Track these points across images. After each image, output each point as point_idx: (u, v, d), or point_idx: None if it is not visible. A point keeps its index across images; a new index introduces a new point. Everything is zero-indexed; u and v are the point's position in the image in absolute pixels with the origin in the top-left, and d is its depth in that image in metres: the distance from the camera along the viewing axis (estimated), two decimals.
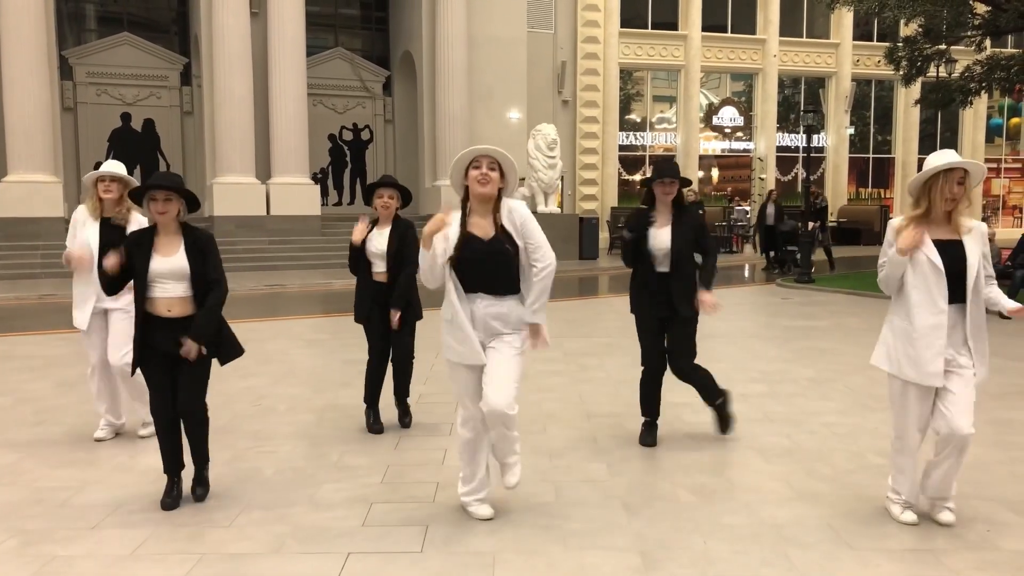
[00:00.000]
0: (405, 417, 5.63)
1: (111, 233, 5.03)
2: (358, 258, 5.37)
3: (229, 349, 4.21)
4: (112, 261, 3.91)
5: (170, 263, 3.99)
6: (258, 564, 3.49)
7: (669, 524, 3.92)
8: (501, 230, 3.83)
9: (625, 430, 5.53)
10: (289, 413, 6.03)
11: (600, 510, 4.10)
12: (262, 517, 4.00)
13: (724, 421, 5.32)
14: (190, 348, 3.95)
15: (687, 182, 5.22)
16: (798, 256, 15.79)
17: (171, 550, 3.63)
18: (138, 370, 4.08)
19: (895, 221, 3.99)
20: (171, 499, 4.11)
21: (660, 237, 5.00)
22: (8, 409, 6.19)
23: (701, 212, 17.45)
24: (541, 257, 3.91)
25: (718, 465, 4.81)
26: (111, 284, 4.05)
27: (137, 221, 5.10)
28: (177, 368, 4.04)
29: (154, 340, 4.00)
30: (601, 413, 6.01)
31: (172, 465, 4.18)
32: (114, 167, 5.14)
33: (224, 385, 6.79)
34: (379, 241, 5.30)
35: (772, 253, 17.97)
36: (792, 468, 4.75)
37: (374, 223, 5.44)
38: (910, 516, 3.90)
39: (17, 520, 3.96)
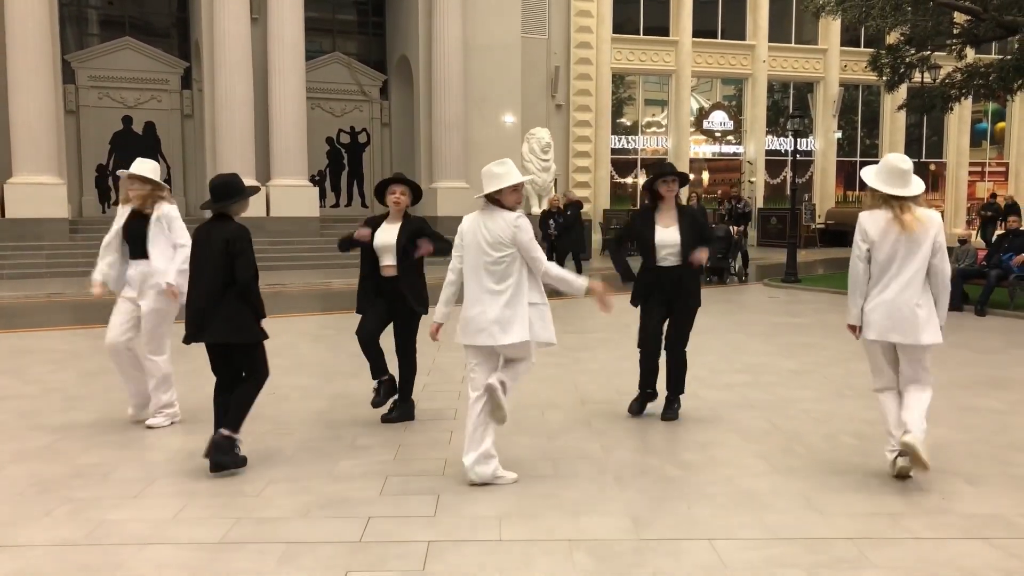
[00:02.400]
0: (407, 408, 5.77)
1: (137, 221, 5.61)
2: (353, 245, 5.69)
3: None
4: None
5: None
6: (289, 526, 3.89)
7: (656, 494, 4.34)
8: None
9: (618, 415, 5.95)
10: (302, 401, 6.42)
11: (594, 483, 4.51)
12: (287, 488, 4.40)
13: (673, 413, 5.82)
14: None
15: (686, 179, 5.77)
16: (735, 266, 15.48)
17: (208, 515, 4.03)
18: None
19: (863, 215, 4.48)
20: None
21: (668, 234, 5.60)
22: (37, 398, 6.57)
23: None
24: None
25: (702, 445, 5.23)
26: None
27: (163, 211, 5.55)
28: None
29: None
30: (595, 400, 6.42)
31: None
32: (139, 167, 5.56)
33: None
34: (388, 235, 5.52)
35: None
36: (770, 447, 5.17)
37: (377, 223, 5.69)
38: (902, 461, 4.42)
39: (65, 490, 4.35)
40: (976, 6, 13.66)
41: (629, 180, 27.32)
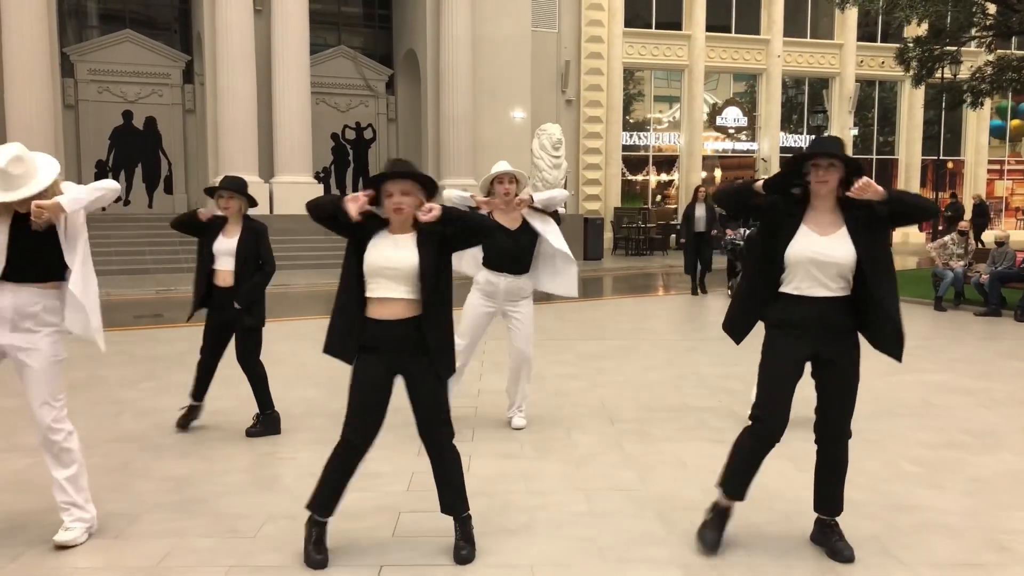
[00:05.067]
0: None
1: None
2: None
3: None
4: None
5: None
6: None
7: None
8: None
9: (651, 436, 5.42)
10: (305, 417, 5.91)
11: (635, 520, 3.99)
12: (288, 527, 3.87)
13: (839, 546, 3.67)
14: None
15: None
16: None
17: (197, 562, 3.51)
18: None
19: None
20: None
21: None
22: (15, 412, 6.03)
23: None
24: None
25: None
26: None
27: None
28: None
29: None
30: (624, 419, 5.89)
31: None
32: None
33: (238, 388, 6.66)
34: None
35: (700, 269, 13.57)
36: None
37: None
38: None
39: (36, 529, 3.83)
40: None
41: (640, 177, 26.76)
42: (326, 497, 3.48)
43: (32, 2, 16.79)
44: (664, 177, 27.13)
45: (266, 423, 5.47)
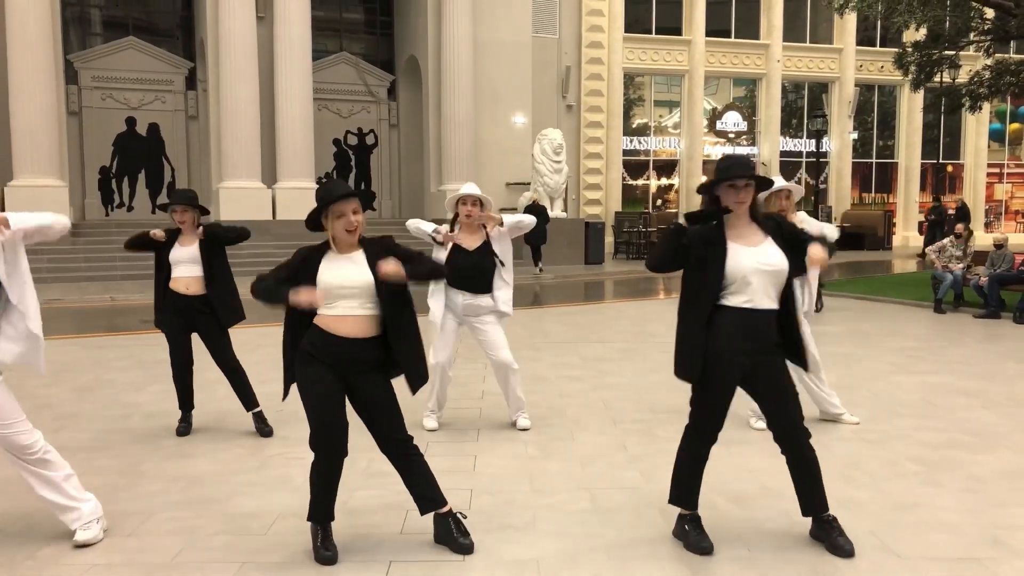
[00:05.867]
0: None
1: None
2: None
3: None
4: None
5: None
6: (302, 573, 3.44)
7: (710, 532, 3.86)
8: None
9: (653, 436, 5.49)
10: None
11: (639, 518, 4.05)
12: (298, 525, 3.94)
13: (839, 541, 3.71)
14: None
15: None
16: None
17: (209, 558, 3.58)
18: None
19: None
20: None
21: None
22: (27, 415, 6.12)
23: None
24: None
25: (751, 472, 4.76)
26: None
27: None
28: None
29: None
30: (627, 419, 5.95)
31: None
32: None
33: None
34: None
35: None
36: (826, 475, 4.64)
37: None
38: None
39: (49, 526, 3.90)
40: (1008, 1, 13.18)
41: (641, 182, 26.86)
42: (322, 506, 3.56)
43: (36, 10, 16.90)
44: (665, 181, 27.23)
45: (263, 420, 5.57)
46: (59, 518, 3.72)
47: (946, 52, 15.50)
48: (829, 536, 3.66)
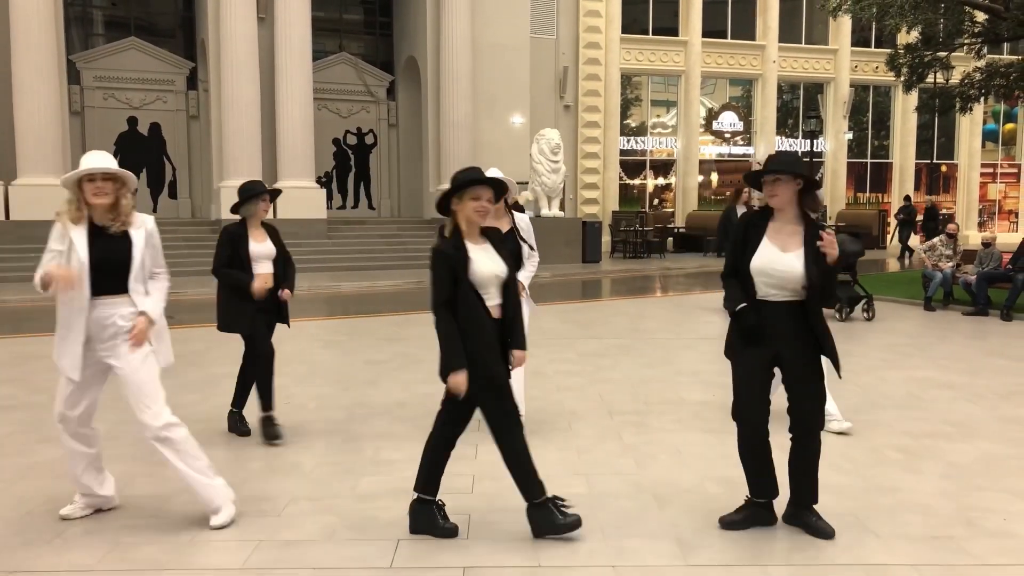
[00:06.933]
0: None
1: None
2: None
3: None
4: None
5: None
6: (314, 550, 3.66)
7: (700, 514, 4.10)
8: None
9: (648, 427, 5.71)
10: (319, 411, 6.20)
11: (632, 501, 4.28)
12: (310, 507, 4.17)
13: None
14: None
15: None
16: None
17: (228, 537, 3.80)
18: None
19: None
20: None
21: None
22: (46, 407, 6.32)
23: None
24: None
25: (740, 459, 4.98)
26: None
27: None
28: None
29: None
30: (623, 411, 6.18)
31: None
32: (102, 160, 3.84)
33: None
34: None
35: None
36: None
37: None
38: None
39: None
40: (997, 5, 13.42)
41: (638, 181, 27.09)
42: (432, 477, 3.87)
43: (40, 11, 17.09)
44: (661, 181, 27.46)
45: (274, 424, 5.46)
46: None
47: (938, 54, 15.74)
48: (808, 520, 3.85)
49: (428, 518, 3.81)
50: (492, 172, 5.34)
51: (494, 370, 3.67)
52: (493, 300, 3.71)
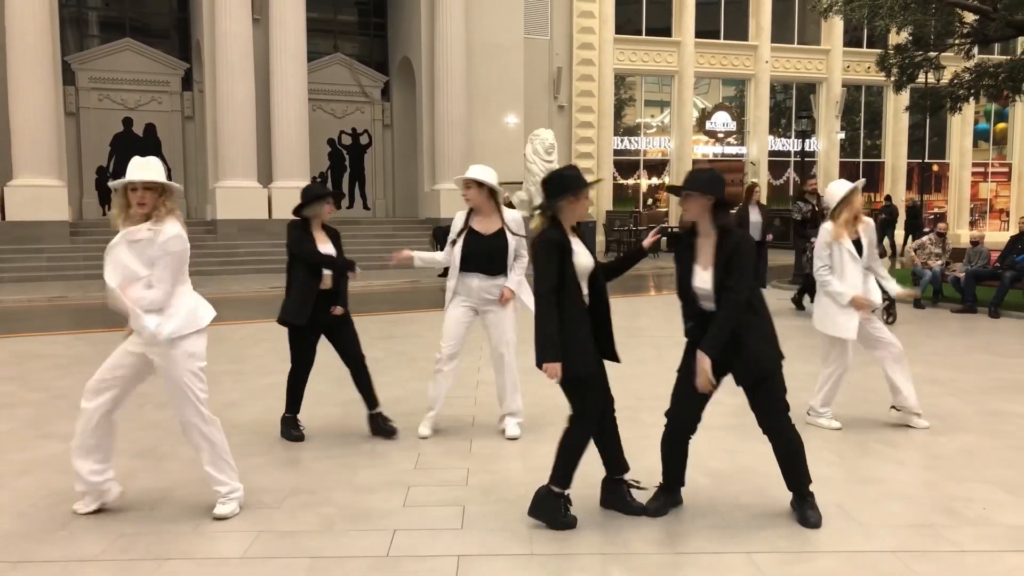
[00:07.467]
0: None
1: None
2: None
3: None
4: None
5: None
6: (313, 540, 3.76)
7: (689, 504, 4.21)
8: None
9: (639, 422, 5.82)
10: (316, 407, 6.28)
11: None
12: (308, 500, 4.27)
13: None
14: None
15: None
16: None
17: (228, 527, 3.90)
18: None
19: (827, 225, 5.68)
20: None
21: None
22: (44, 405, 6.43)
23: None
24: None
25: (729, 452, 5.11)
26: None
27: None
28: None
29: None
30: (616, 406, 6.25)
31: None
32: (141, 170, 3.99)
33: (248, 382, 7.08)
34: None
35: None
36: None
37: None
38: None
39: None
40: (985, 6, 13.57)
41: (631, 181, 27.23)
42: (568, 471, 3.99)
43: (35, 12, 17.14)
44: (655, 181, 27.59)
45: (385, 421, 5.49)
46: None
47: (928, 54, 15.89)
48: (801, 508, 3.98)
49: (552, 507, 3.90)
50: (476, 169, 5.38)
51: (589, 366, 3.95)
52: (584, 291, 3.97)
